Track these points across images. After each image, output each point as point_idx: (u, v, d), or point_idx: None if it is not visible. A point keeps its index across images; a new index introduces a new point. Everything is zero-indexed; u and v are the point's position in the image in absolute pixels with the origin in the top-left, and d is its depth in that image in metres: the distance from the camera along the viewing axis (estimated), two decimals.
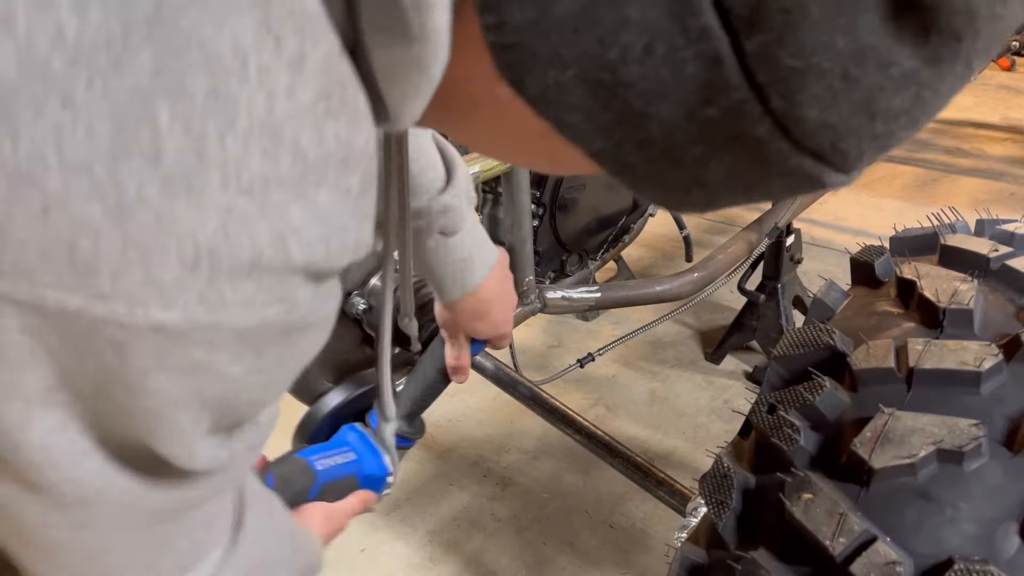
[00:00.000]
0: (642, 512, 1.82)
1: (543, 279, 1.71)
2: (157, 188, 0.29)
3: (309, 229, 0.32)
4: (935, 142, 4.25)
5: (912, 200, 3.55)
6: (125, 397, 0.33)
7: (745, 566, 0.68)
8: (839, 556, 0.62)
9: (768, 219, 1.98)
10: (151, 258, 0.30)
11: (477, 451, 2.04)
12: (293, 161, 0.31)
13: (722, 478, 0.76)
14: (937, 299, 0.76)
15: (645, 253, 3.06)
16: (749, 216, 2.12)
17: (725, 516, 0.74)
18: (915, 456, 0.63)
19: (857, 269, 0.95)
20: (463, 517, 1.83)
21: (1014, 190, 3.62)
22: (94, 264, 0.29)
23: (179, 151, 0.29)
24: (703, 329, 2.55)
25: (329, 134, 0.32)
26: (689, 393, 2.25)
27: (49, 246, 0.29)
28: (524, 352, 2.44)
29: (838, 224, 3.31)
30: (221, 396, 0.36)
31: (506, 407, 2.13)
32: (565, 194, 1.62)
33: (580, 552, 1.73)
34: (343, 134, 0.33)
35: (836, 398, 0.73)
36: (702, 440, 2.05)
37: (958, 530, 0.62)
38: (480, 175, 1.40)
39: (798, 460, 0.71)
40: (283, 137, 0.31)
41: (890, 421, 0.67)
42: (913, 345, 0.72)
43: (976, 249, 0.85)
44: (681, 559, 0.77)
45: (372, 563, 1.72)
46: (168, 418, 0.35)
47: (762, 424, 0.75)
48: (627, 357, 2.40)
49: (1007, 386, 0.68)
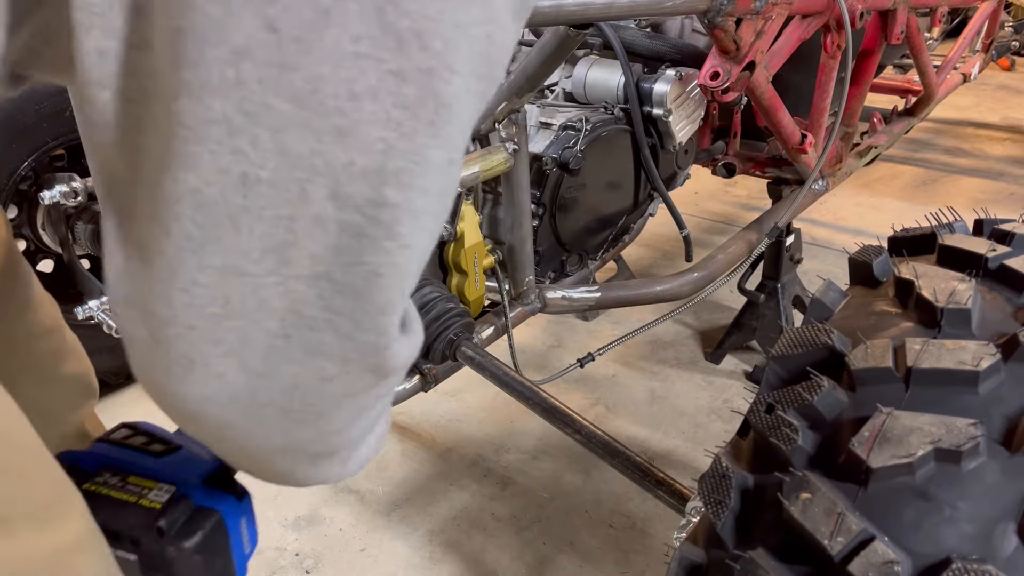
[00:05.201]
0: (642, 512, 1.82)
1: (543, 279, 1.71)
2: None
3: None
4: (935, 142, 4.25)
5: (912, 200, 3.55)
6: None
7: (743, 565, 0.68)
8: (837, 555, 0.62)
9: (768, 219, 1.98)
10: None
11: (477, 451, 2.05)
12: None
13: (720, 478, 0.76)
14: (935, 299, 0.77)
15: (645, 253, 3.06)
16: (749, 216, 2.12)
17: (723, 516, 0.74)
18: (913, 455, 0.63)
19: (855, 269, 0.95)
20: (463, 517, 1.84)
21: (1013, 190, 3.62)
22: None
23: None
24: (703, 329, 2.55)
25: None
26: (689, 393, 2.25)
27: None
28: (524, 352, 2.44)
29: (838, 224, 3.32)
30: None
31: (506, 407, 2.13)
32: (565, 194, 1.62)
33: (580, 552, 1.73)
34: None
35: (834, 398, 0.73)
36: (702, 440, 2.05)
37: (956, 529, 0.62)
38: (480, 175, 1.40)
39: (796, 460, 0.71)
40: None
41: (888, 420, 0.67)
42: (911, 345, 0.72)
43: (974, 249, 0.85)
44: (680, 559, 0.77)
45: (372, 563, 1.72)
46: None
47: (760, 424, 0.76)
48: (627, 357, 2.41)
49: (1005, 385, 0.68)
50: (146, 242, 0.38)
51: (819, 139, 1.90)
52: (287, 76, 0.33)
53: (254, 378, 0.41)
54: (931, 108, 2.68)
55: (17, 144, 1.86)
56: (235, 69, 0.33)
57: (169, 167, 0.35)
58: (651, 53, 1.73)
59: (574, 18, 1.15)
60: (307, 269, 0.38)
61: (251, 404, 0.42)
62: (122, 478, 0.60)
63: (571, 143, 1.58)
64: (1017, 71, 5.40)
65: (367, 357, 0.42)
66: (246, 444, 0.46)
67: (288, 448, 0.47)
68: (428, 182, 0.38)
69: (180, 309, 0.38)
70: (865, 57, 2.04)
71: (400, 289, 0.41)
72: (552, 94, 1.78)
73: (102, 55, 0.36)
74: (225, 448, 0.49)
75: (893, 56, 2.81)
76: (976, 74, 3.11)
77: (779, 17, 1.49)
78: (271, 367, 0.41)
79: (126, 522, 0.57)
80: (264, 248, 0.37)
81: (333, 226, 0.37)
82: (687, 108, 1.76)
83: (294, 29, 0.32)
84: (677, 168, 1.92)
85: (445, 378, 1.44)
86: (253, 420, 0.43)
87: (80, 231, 1.95)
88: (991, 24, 3.25)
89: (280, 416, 0.43)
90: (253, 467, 0.51)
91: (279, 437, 0.45)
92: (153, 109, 0.36)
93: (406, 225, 0.38)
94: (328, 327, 0.40)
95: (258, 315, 0.39)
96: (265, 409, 0.43)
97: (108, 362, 2.18)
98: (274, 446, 0.46)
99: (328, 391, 0.43)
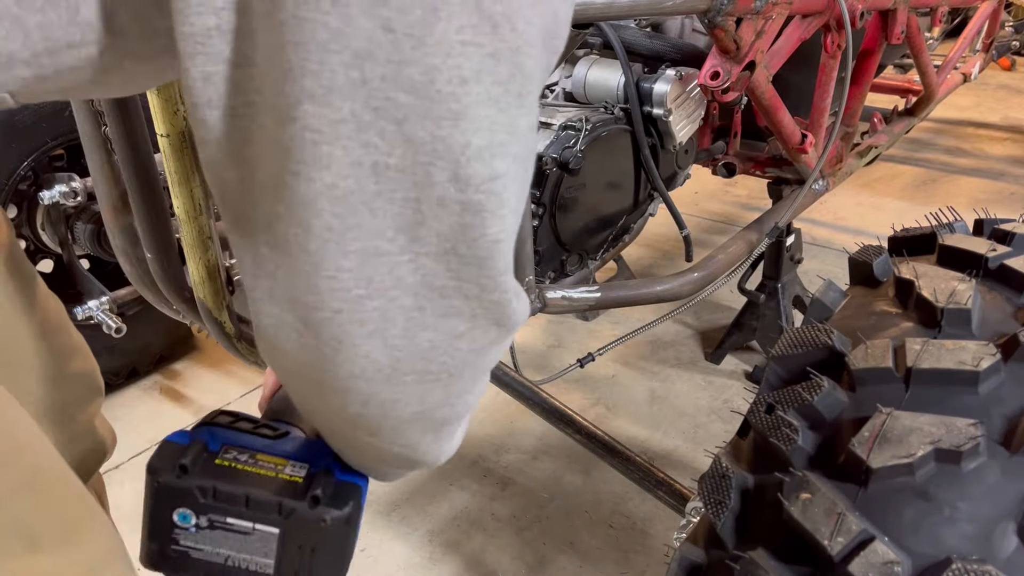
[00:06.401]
0: (642, 512, 1.82)
1: (543, 279, 1.71)
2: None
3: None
4: (935, 142, 4.25)
5: (912, 200, 3.55)
6: None
7: (743, 566, 0.68)
8: (837, 556, 0.62)
9: (768, 219, 1.98)
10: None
11: (477, 451, 2.05)
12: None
13: (720, 478, 0.76)
14: (935, 299, 0.76)
15: (645, 253, 3.06)
16: (749, 216, 2.12)
17: (723, 516, 0.74)
18: (913, 456, 0.63)
19: (855, 269, 0.95)
20: (463, 517, 1.84)
21: (1013, 190, 3.62)
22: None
23: None
24: (703, 329, 2.55)
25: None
26: (689, 393, 2.25)
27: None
28: (524, 352, 2.44)
29: (838, 224, 3.31)
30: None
31: (506, 407, 2.13)
32: (565, 194, 1.61)
33: (580, 552, 1.73)
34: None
35: (834, 398, 0.73)
36: (702, 440, 2.05)
37: (956, 530, 0.62)
38: None
39: (796, 460, 0.71)
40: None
41: (888, 421, 0.67)
42: (911, 345, 0.72)
43: (974, 249, 0.85)
44: (680, 559, 0.77)
45: (372, 563, 1.72)
46: None
47: (760, 424, 0.76)
48: (627, 357, 2.41)
49: (1005, 385, 0.68)
50: (282, 241, 0.42)
51: (819, 139, 1.90)
52: (406, 71, 0.37)
53: (395, 350, 0.45)
54: (931, 108, 2.68)
55: (16, 144, 1.86)
56: (359, 71, 0.37)
57: (299, 171, 0.39)
58: (651, 53, 1.73)
59: (574, 18, 1.15)
60: (435, 247, 0.42)
61: (393, 374, 0.46)
62: (251, 455, 0.61)
63: (571, 143, 1.58)
64: (1017, 71, 5.40)
65: (493, 312, 0.47)
66: (387, 413, 0.50)
67: (420, 416, 0.51)
68: (521, 148, 0.43)
69: (327, 295, 0.42)
70: (865, 57, 2.04)
71: (512, 247, 0.46)
72: (552, 94, 1.78)
73: (207, 79, 0.39)
74: (363, 425, 0.52)
75: (893, 56, 2.81)
76: (976, 74, 3.11)
77: (779, 17, 1.49)
78: (410, 338, 0.45)
79: (276, 493, 0.58)
80: (397, 227, 0.41)
81: (456, 207, 0.41)
82: (687, 108, 1.76)
83: (408, 27, 0.36)
84: (677, 168, 1.92)
85: None
86: (395, 389, 0.48)
87: (79, 231, 1.94)
88: (991, 24, 3.25)
89: (418, 382, 0.48)
90: (382, 446, 0.54)
91: (416, 403, 0.49)
92: (261, 120, 0.39)
93: (513, 191, 0.43)
94: (457, 293, 0.45)
95: (395, 292, 0.43)
96: (406, 377, 0.47)
97: (108, 362, 2.18)
98: (411, 413, 0.50)
99: (459, 347, 0.47)
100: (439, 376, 0.49)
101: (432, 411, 0.52)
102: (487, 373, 0.54)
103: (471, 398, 0.54)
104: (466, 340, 0.47)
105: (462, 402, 0.53)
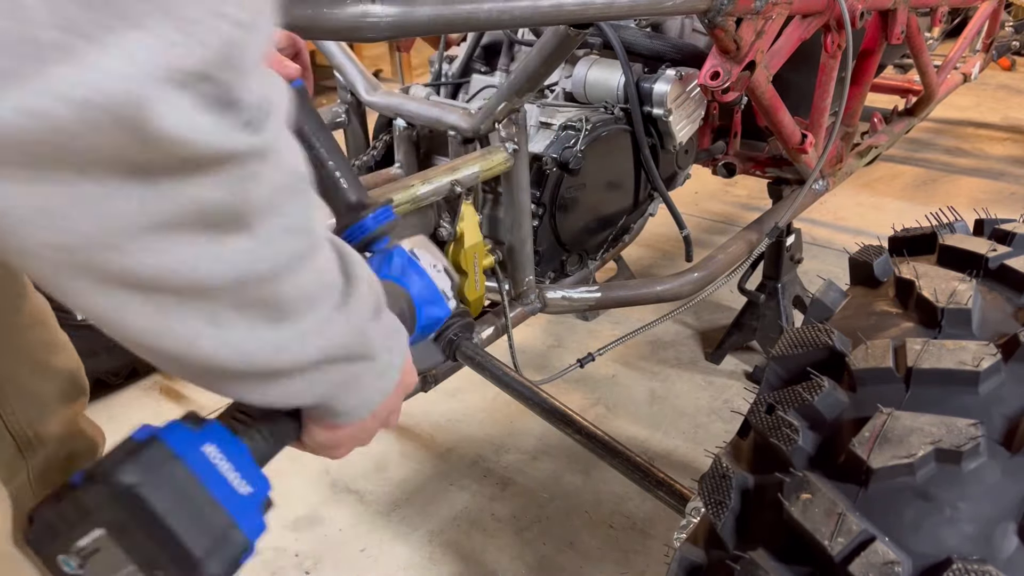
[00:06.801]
0: (642, 512, 1.82)
1: (543, 279, 1.71)
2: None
3: None
4: (935, 142, 4.25)
5: (912, 200, 3.55)
6: None
7: (743, 566, 0.68)
8: (837, 556, 0.62)
9: (768, 219, 1.98)
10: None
11: (477, 451, 2.05)
12: None
13: (720, 478, 0.76)
14: (935, 299, 0.76)
15: (645, 253, 3.06)
16: (749, 216, 2.12)
17: (724, 516, 0.74)
18: (913, 456, 0.63)
19: (856, 269, 0.95)
20: (463, 517, 1.83)
21: (1014, 190, 3.62)
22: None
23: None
24: (703, 329, 2.55)
25: None
26: (689, 393, 2.25)
27: None
28: (524, 352, 2.44)
29: (838, 224, 3.31)
30: None
31: (506, 407, 2.13)
32: (565, 194, 1.61)
33: (580, 552, 1.73)
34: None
35: (835, 398, 0.73)
36: (702, 440, 2.05)
37: (956, 530, 0.62)
38: (480, 175, 1.39)
39: (796, 460, 0.71)
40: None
41: (888, 421, 0.67)
42: (911, 345, 0.72)
43: (975, 249, 0.85)
44: (680, 559, 0.77)
45: (372, 563, 1.72)
46: None
47: (761, 424, 0.75)
48: (627, 357, 2.40)
49: (1005, 385, 0.68)
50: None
51: (819, 139, 1.90)
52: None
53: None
54: (931, 108, 2.68)
55: None
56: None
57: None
58: (651, 53, 1.73)
59: (574, 18, 1.15)
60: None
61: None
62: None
63: (571, 143, 1.58)
64: (1017, 71, 5.39)
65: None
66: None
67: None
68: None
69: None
70: (865, 57, 2.04)
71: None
72: (552, 94, 1.78)
73: None
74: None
75: (893, 56, 2.81)
76: (976, 74, 3.11)
77: (779, 17, 1.49)
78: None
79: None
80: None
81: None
82: (687, 108, 1.76)
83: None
84: (677, 168, 1.92)
85: (445, 378, 1.44)
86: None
87: None
88: (991, 24, 3.25)
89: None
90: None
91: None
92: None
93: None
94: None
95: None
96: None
97: (108, 362, 2.18)
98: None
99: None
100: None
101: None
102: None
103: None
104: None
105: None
